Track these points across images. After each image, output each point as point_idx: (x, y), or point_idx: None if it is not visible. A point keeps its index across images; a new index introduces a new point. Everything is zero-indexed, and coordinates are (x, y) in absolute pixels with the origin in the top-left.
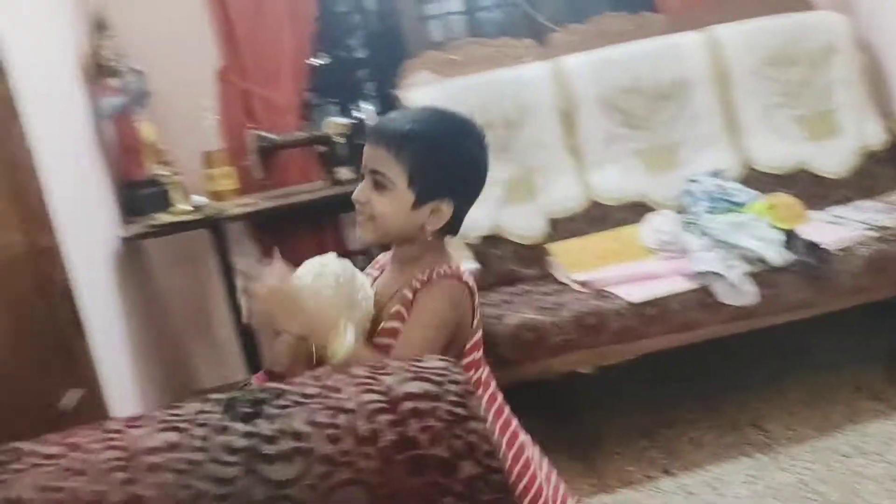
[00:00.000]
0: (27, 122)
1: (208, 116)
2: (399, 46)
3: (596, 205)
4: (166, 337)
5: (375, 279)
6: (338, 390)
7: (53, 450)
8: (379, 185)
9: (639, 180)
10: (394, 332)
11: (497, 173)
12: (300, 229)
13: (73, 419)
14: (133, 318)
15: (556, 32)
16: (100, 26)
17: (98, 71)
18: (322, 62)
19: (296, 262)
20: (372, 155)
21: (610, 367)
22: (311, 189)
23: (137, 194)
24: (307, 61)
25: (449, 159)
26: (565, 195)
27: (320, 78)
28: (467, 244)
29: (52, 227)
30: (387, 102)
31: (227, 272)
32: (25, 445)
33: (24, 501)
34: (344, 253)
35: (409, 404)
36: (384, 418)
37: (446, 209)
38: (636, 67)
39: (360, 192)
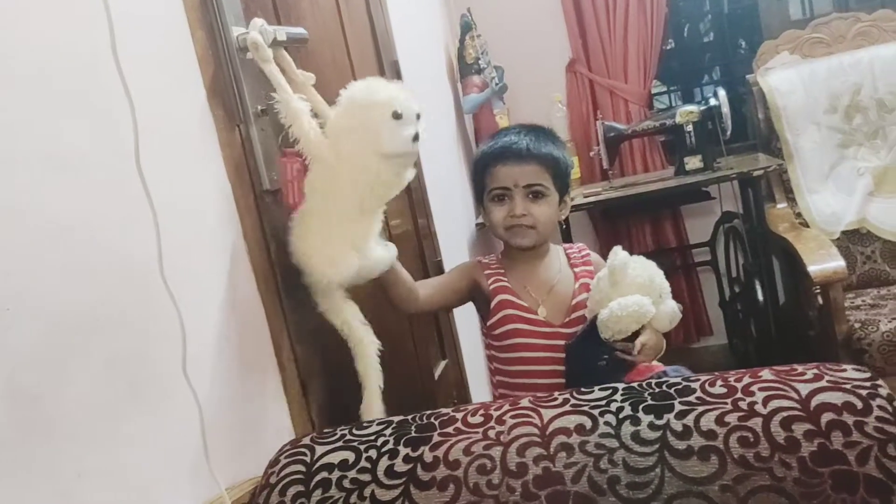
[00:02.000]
0: None
1: (559, 108)
2: (750, 28)
3: None
4: None
5: (497, 277)
6: (747, 392)
7: (476, 420)
8: (538, 195)
9: None
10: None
11: (865, 162)
12: (640, 219)
13: (442, 384)
14: None
15: None
16: (466, 27)
17: (463, 69)
18: (666, 48)
19: (632, 252)
20: (523, 172)
21: None
22: (658, 178)
23: None
24: (655, 51)
25: (567, 159)
26: None
27: (663, 65)
28: (831, 240)
29: (429, 213)
30: (733, 87)
31: None
32: (452, 412)
33: (458, 463)
34: (683, 245)
35: (829, 416)
36: (801, 427)
37: (568, 200)
38: None
39: (519, 207)
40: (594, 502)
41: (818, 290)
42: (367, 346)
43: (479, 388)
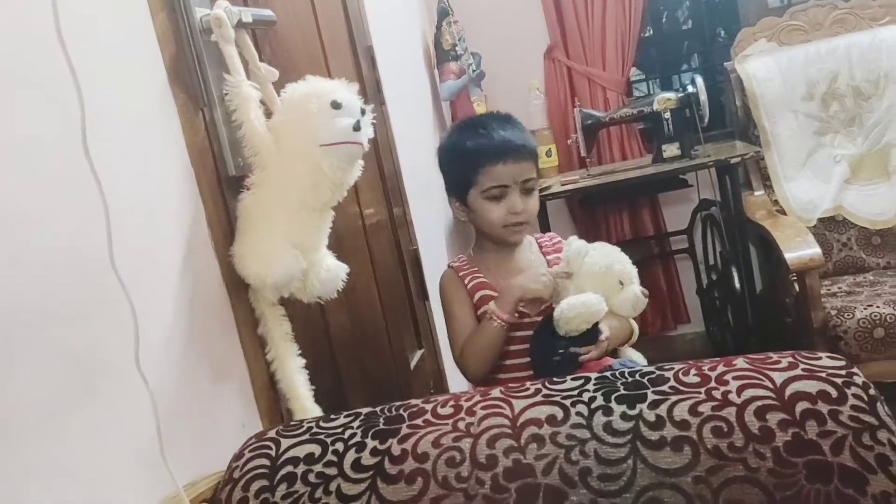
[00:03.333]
0: (389, 109)
1: (537, 95)
2: (728, 16)
3: None
4: None
5: (472, 276)
6: (721, 381)
7: (446, 411)
8: (530, 190)
9: None
10: None
11: (841, 149)
12: (618, 207)
13: (418, 374)
14: None
15: None
16: (443, 13)
17: (440, 56)
18: (644, 36)
19: (610, 240)
20: (520, 169)
21: None
22: (636, 166)
23: None
24: (633, 38)
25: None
26: None
27: (641, 52)
28: (808, 227)
29: (405, 202)
30: (711, 75)
31: None
32: (422, 403)
33: (426, 455)
34: (660, 233)
35: (804, 405)
36: (775, 416)
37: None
38: None
39: (519, 204)
40: (565, 495)
41: (795, 278)
42: (286, 367)
43: (458, 377)
